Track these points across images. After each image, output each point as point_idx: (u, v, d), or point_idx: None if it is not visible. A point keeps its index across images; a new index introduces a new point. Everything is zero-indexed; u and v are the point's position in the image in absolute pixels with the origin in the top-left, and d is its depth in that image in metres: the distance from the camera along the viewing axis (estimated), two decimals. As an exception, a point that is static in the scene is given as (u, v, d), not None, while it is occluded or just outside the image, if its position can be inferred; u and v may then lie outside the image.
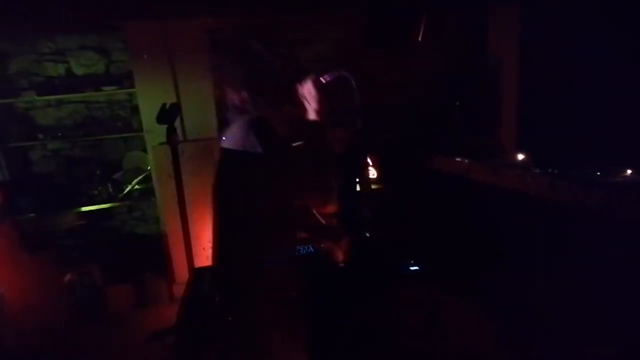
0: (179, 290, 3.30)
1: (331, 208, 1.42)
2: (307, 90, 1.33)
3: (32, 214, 3.42)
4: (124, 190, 3.64)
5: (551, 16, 3.27)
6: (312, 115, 1.34)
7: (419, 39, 3.36)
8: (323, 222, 1.59)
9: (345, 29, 3.92)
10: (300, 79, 1.34)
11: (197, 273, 2.19)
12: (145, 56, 3.33)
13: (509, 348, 2.47)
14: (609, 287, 2.17)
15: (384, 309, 1.99)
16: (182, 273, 3.33)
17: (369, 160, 3.55)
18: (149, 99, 3.32)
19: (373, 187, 3.55)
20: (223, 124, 1.44)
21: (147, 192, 3.66)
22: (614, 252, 2.17)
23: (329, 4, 3.64)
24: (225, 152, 1.35)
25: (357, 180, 3.00)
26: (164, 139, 2.60)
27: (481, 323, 2.75)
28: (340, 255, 1.60)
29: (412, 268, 2.08)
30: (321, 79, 1.33)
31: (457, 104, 3.89)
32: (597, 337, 2.19)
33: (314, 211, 1.54)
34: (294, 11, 3.68)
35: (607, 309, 2.17)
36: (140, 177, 3.67)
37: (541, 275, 2.59)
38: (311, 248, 2.39)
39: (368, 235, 2.73)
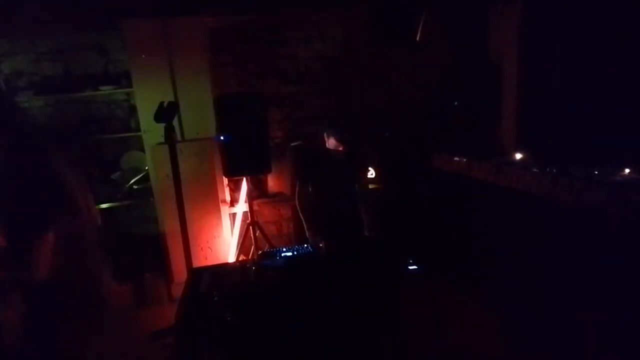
0: (177, 290, 3.29)
1: None
2: None
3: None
4: (122, 190, 3.63)
5: (552, 15, 3.26)
6: None
7: (417, 37, 3.35)
8: None
9: (346, 27, 3.91)
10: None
11: (196, 273, 2.17)
12: (144, 55, 3.32)
13: (510, 346, 2.46)
14: (609, 287, 2.16)
15: (385, 308, 1.98)
16: (180, 273, 3.32)
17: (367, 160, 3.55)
18: (147, 98, 3.31)
19: (371, 186, 3.55)
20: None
21: (145, 192, 3.65)
22: (614, 251, 2.16)
23: (331, 2, 3.64)
24: None
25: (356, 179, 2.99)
26: (162, 138, 2.59)
27: (483, 322, 2.75)
28: None
29: (411, 268, 2.06)
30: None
31: (456, 103, 3.89)
32: (597, 336, 2.18)
33: None
34: (295, 10, 3.68)
35: (607, 308, 2.17)
36: (138, 176, 3.66)
37: (542, 274, 2.58)
38: (309, 247, 2.38)
39: (367, 234, 2.73)
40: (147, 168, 3.62)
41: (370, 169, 3.66)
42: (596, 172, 2.48)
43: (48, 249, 1.29)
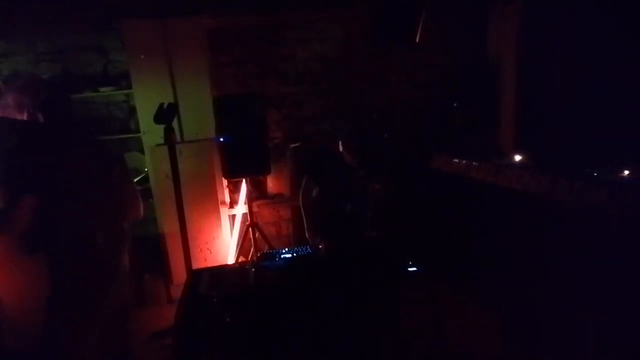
0: (177, 291, 3.28)
1: None
2: None
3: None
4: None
5: (552, 15, 3.26)
6: None
7: (417, 39, 3.35)
8: None
9: (345, 28, 3.91)
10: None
11: (195, 274, 2.17)
12: (143, 56, 3.32)
13: (510, 346, 2.46)
14: (609, 287, 2.16)
15: (385, 308, 1.98)
16: (180, 274, 3.31)
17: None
18: (147, 99, 3.31)
19: (377, 187, 3.54)
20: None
21: (144, 193, 3.64)
22: (614, 251, 2.16)
23: (331, 2, 3.64)
24: None
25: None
26: (161, 139, 2.59)
27: (483, 322, 2.74)
28: None
29: (410, 269, 2.06)
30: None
31: (455, 104, 3.88)
32: (597, 336, 2.18)
33: None
34: (295, 10, 3.68)
35: (607, 308, 2.17)
36: (138, 178, 3.66)
37: (542, 274, 2.58)
38: (309, 249, 2.37)
39: (367, 234, 2.72)
40: (146, 169, 3.62)
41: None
42: (596, 173, 2.48)
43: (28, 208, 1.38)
